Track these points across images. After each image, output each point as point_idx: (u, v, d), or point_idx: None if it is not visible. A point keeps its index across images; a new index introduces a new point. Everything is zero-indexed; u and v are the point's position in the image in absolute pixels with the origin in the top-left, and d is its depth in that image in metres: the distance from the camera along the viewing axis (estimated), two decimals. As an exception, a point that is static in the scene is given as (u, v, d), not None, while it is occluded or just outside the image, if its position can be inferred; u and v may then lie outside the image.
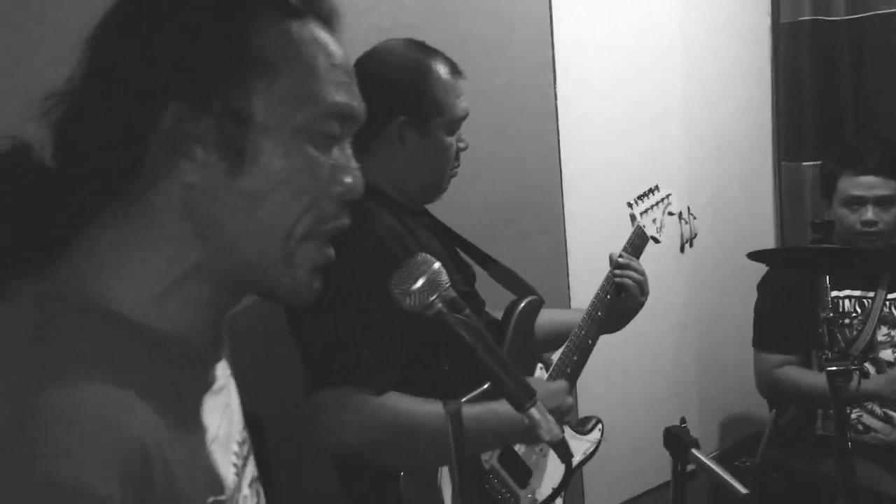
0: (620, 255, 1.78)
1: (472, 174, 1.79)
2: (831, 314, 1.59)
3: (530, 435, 1.38)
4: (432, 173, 1.51)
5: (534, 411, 0.87)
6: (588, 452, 1.73)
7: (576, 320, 1.71)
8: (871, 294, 2.39)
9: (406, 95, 1.44)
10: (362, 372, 1.30)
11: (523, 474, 1.54)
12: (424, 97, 1.45)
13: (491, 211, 2.23)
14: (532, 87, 2.35)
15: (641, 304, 1.79)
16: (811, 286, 1.61)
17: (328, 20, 0.76)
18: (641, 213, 1.91)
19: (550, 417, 0.87)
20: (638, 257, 1.84)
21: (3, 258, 0.67)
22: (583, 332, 1.69)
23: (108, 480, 0.56)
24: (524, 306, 1.64)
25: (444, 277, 0.88)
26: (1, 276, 0.67)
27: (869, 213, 2.29)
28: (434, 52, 1.50)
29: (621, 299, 1.75)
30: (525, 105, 2.34)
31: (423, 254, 0.88)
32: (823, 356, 1.60)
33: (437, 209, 1.68)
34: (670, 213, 2.00)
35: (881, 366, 2.40)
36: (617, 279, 1.74)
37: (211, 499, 0.70)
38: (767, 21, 3.04)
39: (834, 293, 2.35)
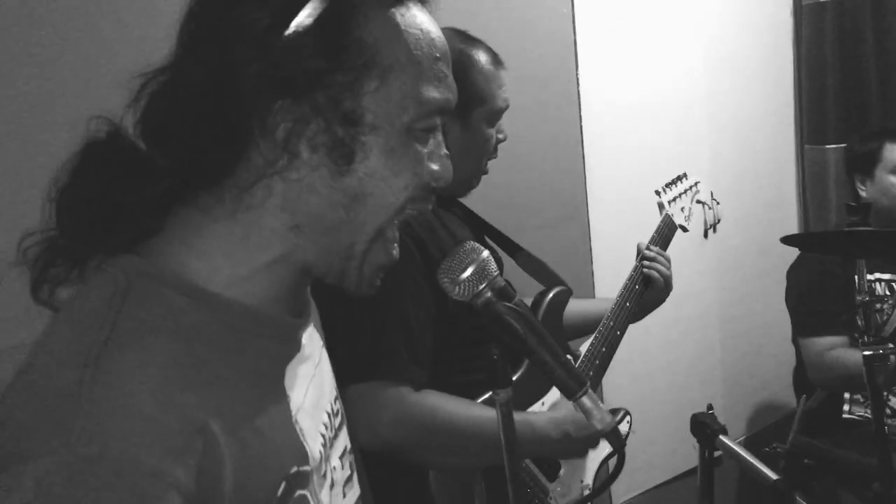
0: (648, 248, 1.76)
1: (495, 164, 1.78)
2: (868, 298, 1.57)
3: (564, 449, 1.39)
4: (471, 166, 1.48)
5: (585, 399, 0.86)
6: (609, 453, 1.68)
7: (603, 310, 1.70)
8: (901, 278, 2.38)
9: None
10: (400, 367, 1.29)
11: (553, 468, 1.52)
12: (466, 87, 1.40)
13: (515, 200, 2.22)
14: (554, 75, 2.33)
15: (665, 298, 1.79)
16: (845, 270, 1.60)
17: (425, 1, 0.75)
18: (670, 202, 1.90)
19: (602, 405, 0.86)
20: (666, 246, 1.83)
21: (96, 236, 0.68)
22: (611, 323, 1.67)
23: (161, 458, 0.57)
24: (553, 297, 1.62)
25: (493, 266, 0.87)
26: (94, 251, 0.68)
27: None
28: (476, 42, 1.48)
29: (647, 292, 1.74)
30: (547, 93, 2.32)
31: (472, 242, 0.88)
32: (860, 340, 1.57)
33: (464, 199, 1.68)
34: (699, 202, 1.99)
35: (906, 346, 2.38)
36: (645, 270, 1.73)
37: (294, 468, 0.70)
38: (790, 2, 3.02)
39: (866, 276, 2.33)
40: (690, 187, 1.96)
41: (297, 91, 0.67)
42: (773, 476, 1.83)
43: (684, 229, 1.92)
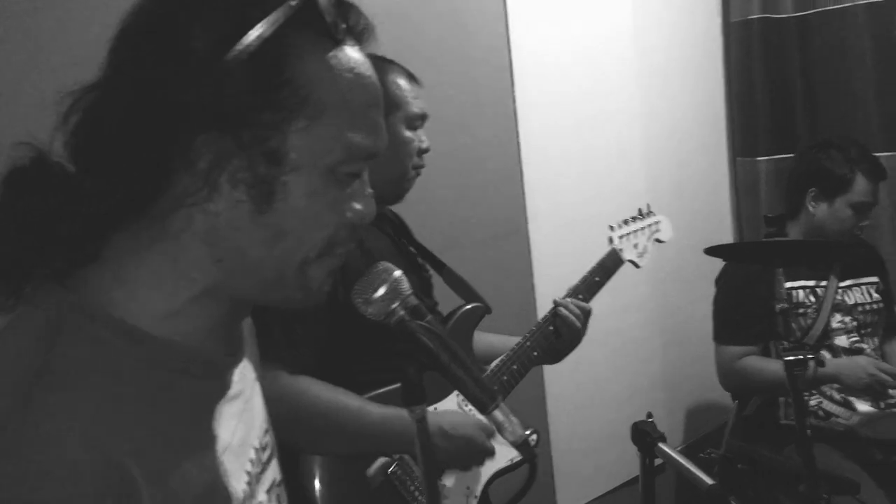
0: (563, 301, 1.74)
1: (435, 180, 1.82)
2: (786, 305, 1.63)
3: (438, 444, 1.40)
4: (393, 169, 1.53)
5: (497, 413, 0.88)
6: (514, 460, 1.69)
7: (509, 344, 1.70)
8: (824, 283, 2.47)
9: None
10: (273, 348, 1.27)
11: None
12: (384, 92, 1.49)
13: (455, 216, 2.25)
14: (491, 92, 2.37)
15: (572, 349, 1.78)
16: (766, 279, 1.66)
17: (361, 39, 0.75)
18: (621, 237, 1.91)
19: (514, 419, 0.89)
20: (607, 278, 1.84)
21: (29, 264, 0.67)
22: (528, 343, 1.68)
23: (82, 500, 0.57)
24: (465, 311, 1.65)
25: (406, 285, 0.89)
26: (26, 280, 0.67)
27: (867, 221, 2.44)
28: (389, 61, 1.55)
29: (556, 341, 1.73)
30: (485, 110, 2.36)
31: (384, 262, 0.90)
32: (780, 346, 1.63)
33: (403, 215, 1.70)
34: (658, 241, 2.00)
35: (836, 352, 2.47)
36: (557, 319, 1.72)
37: None
38: (718, 20, 3.11)
39: (788, 284, 2.42)
40: (650, 225, 1.98)
41: (223, 125, 0.66)
42: (709, 481, 1.88)
43: (635, 265, 1.92)
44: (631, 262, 1.91)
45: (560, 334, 1.72)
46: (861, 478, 2.02)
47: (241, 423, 0.78)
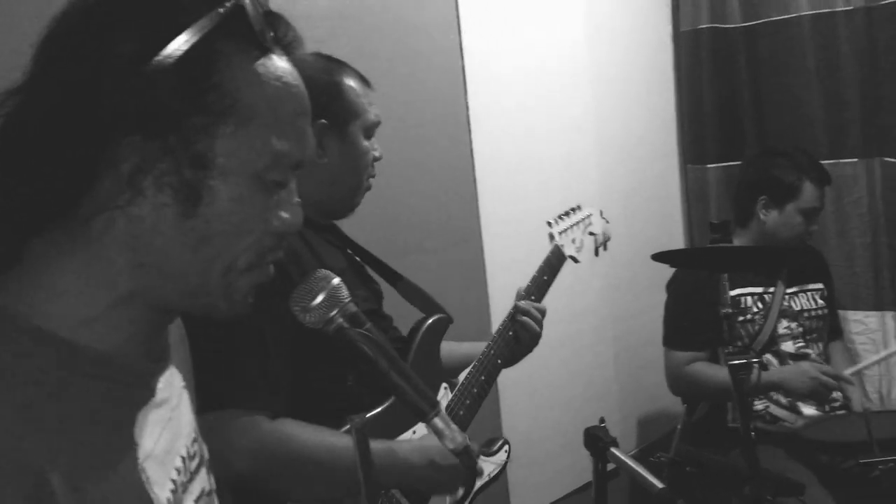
0: (521, 301, 1.73)
1: (386, 188, 1.79)
2: (731, 310, 1.65)
3: (429, 477, 1.36)
4: (352, 182, 1.50)
5: (437, 420, 0.88)
6: (493, 474, 1.68)
7: (476, 352, 1.67)
8: (772, 290, 2.52)
9: (323, 100, 1.42)
10: (255, 394, 1.26)
11: (421, 498, 1.47)
12: (339, 102, 1.45)
13: (408, 224, 2.24)
14: (443, 100, 2.38)
15: (531, 350, 1.76)
16: (714, 285, 1.68)
17: (289, 50, 0.76)
18: (560, 233, 1.91)
19: (454, 426, 0.89)
20: (554, 276, 1.83)
21: None
22: (492, 352, 1.66)
23: None
24: (430, 324, 1.60)
25: (345, 293, 0.88)
26: None
27: (816, 224, 2.49)
28: (343, 63, 1.52)
29: (514, 345, 1.71)
30: (437, 117, 2.36)
31: (322, 269, 0.89)
32: (726, 351, 1.65)
33: (352, 223, 1.67)
34: (591, 234, 2.00)
35: (783, 358, 2.52)
36: (516, 324, 1.70)
37: None
38: (669, 29, 3.16)
39: (737, 291, 2.47)
40: (583, 219, 1.98)
41: (149, 128, 0.66)
42: (659, 485, 1.90)
43: (575, 260, 1.92)
44: (571, 257, 1.90)
45: (519, 339, 1.71)
46: (806, 479, 2.05)
47: (166, 430, 0.76)
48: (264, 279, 0.77)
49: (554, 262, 1.84)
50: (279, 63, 0.73)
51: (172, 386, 0.80)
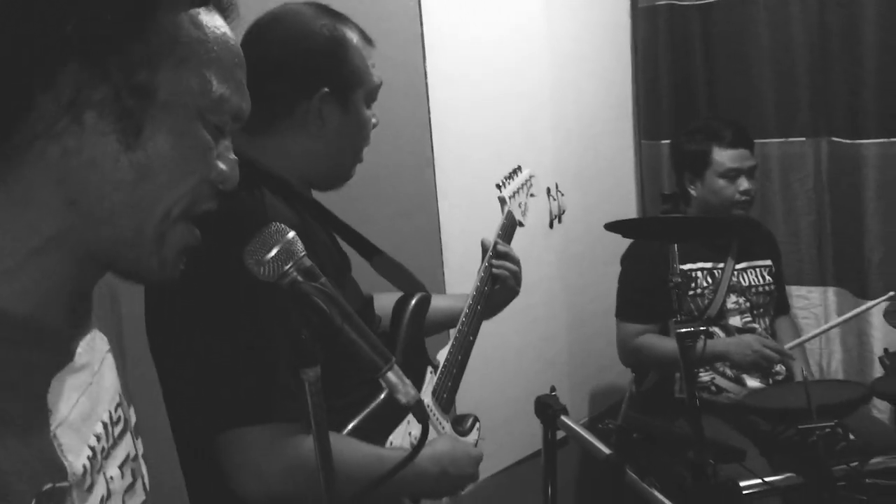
0: (497, 244, 1.69)
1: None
2: (679, 280, 1.69)
3: (440, 486, 1.34)
4: (351, 153, 1.39)
5: (390, 375, 0.88)
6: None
7: (454, 307, 1.65)
8: (721, 265, 2.59)
9: (325, 64, 1.29)
10: (283, 404, 1.16)
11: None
12: (345, 67, 1.31)
13: (363, 191, 2.23)
14: (402, 68, 2.36)
15: (516, 294, 1.74)
16: (665, 257, 1.72)
17: (227, 13, 0.77)
18: (510, 197, 1.88)
19: (407, 380, 0.89)
20: (510, 242, 1.79)
21: None
22: (466, 330, 1.62)
23: None
24: (415, 307, 1.52)
25: (299, 247, 0.88)
26: None
27: (746, 183, 2.52)
28: (345, 18, 1.37)
29: (496, 291, 1.68)
30: (396, 86, 2.33)
31: (277, 223, 0.88)
32: (674, 321, 1.69)
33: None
34: (532, 196, 2.00)
35: (730, 332, 2.59)
36: (495, 270, 1.67)
37: (48, 485, 0.66)
38: (627, 5, 3.18)
39: (687, 265, 2.53)
40: (525, 182, 1.97)
41: (90, 54, 0.65)
42: (606, 451, 1.95)
43: (521, 224, 1.90)
44: (519, 222, 1.87)
45: (500, 281, 1.67)
46: (747, 447, 2.12)
47: (85, 396, 0.74)
48: (193, 241, 0.76)
49: (509, 228, 1.82)
50: (217, 18, 0.75)
51: (94, 350, 0.78)
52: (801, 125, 2.94)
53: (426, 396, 1.51)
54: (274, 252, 0.86)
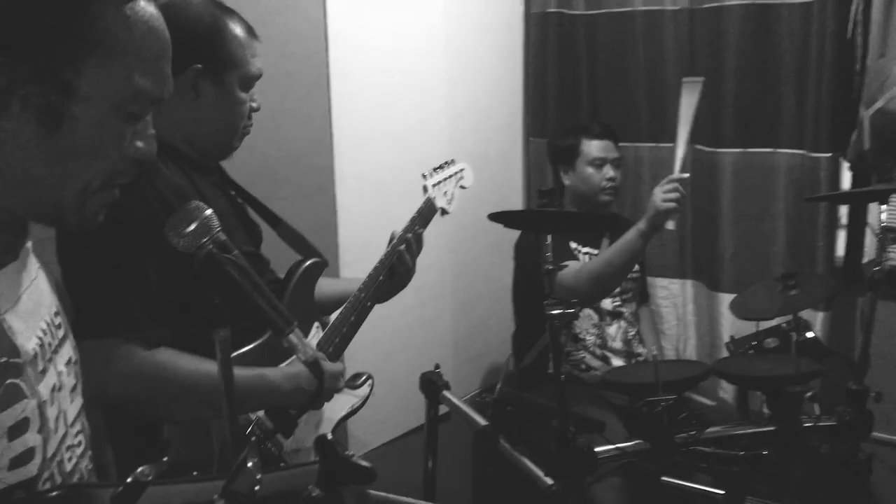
0: (413, 230, 1.88)
1: (249, 136, 1.88)
2: (551, 266, 1.88)
3: (297, 400, 1.49)
4: (225, 127, 1.55)
5: (292, 336, 1.03)
6: (354, 406, 1.82)
7: (350, 289, 1.81)
8: (596, 252, 2.83)
9: (202, 45, 1.47)
10: (131, 324, 1.33)
11: (289, 427, 1.58)
12: (220, 50, 1.49)
13: (263, 173, 2.31)
14: (305, 56, 2.44)
15: (405, 284, 1.93)
16: (555, 247, 1.90)
17: None
18: (433, 185, 2.04)
19: (306, 341, 1.04)
20: (425, 226, 1.97)
21: None
22: (362, 295, 1.79)
23: None
24: (306, 267, 1.71)
25: (215, 223, 1.00)
26: None
27: (611, 172, 2.81)
28: (231, 12, 1.55)
29: (394, 277, 1.86)
30: (298, 71, 2.43)
31: (196, 201, 1.00)
32: (546, 302, 1.88)
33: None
34: (462, 187, 2.16)
35: (602, 314, 2.84)
36: (398, 255, 1.84)
37: (3, 359, 0.77)
38: (521, 10, 3.33)
39: (574, 247, 2.78)
40: (456, 173, 2.14)
41: (19, 52, 0.72)
42: (483, 422, 2.13)
43: (445, 212, 2.07)
44: (442, 209, 2.05)
45: (395, 272, 1.85)
46: (608, 419, 2.35)
47: (26, 295, 0.85)
48: (111, 200, 0.85)
49: (426, 213, 1.99)
50: (148, 9, 0.82)
51: (31, 261, 0.89)
52: (669, 132, 3.12)
53: (313, 339, 1.69)
54: (193, 227, 0.98)
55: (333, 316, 1.76)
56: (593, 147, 2.84)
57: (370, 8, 2.66)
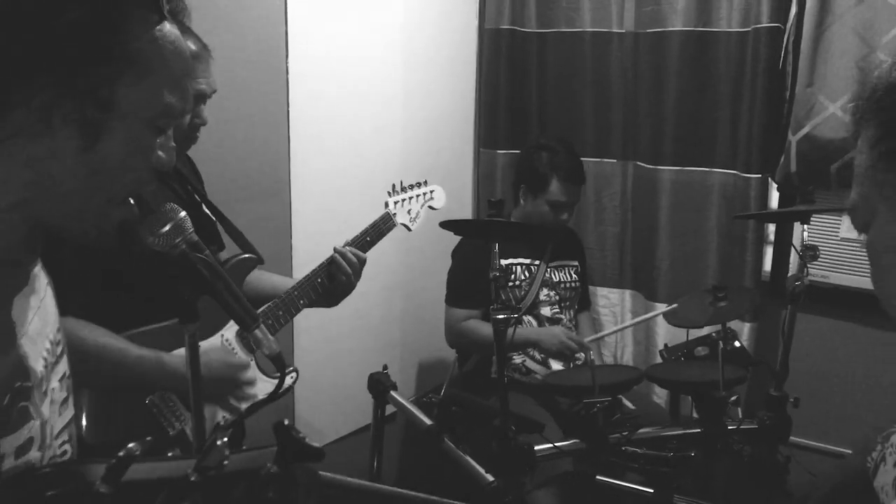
0: (345, 247, 1.98)
1: (208, 140, 1.92)
2: (498, 274, 1.98)
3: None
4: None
5: (258, 332, 1.10)
6: (268, 392, 1.89)
7: (287, 283, 1.91)
8: (537, 262, 2.95)
9: None
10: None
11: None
12: None
13: (220, 175, 2.35)
14: (265, 63, 2.50)
15: (346, 294, 2.03)
16: (488, 253, 1.99)
17: (179, 16, 0.91)
18: (396, 202, 2.14)
19: (271, 337, 1.12)
20: (378, 238, 2.07)
21: None
22: (296, 293, 1.88)
23: None
24: (239, 260, 1.83)
25: (189, 224, 1.07)
26: None
27: (565, 216, 2.86)
28: (188, 29, 1.60)
29: (331, 286, 1.96)
30: (257, 79, 2.48)
31: (172, 204, 1.07)
32: (492, 308, 1.97)
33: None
34: (431, 208, 2.25)
35: (541, 320, 2.96)
36: (333, 265, 1.94)
37: (18, 384, 0.83)
38: (475, 25, 3.43)
39: (509, 260, 2.87)
40: (424, 193, 2.24)
41: (60, 73, 0.79)
42: (428, 421, 2.20)
43: (407, 228, 2.17)
44: (403, 225, 2.15)
45: (335, 279, 1.94)
46: (547, 420, 2.46)
47: (36, 316, 0.91)
48: (130, 217, 0.93)
49: (381, 226, 2.09)
50: (173, 30, 0.89)
51: (40, 280, 0.95)
52: (613, 149, 3.31)
53: (229, 332, 1.80)
54: (167, 227, 1.05)
55: (262, 309, 1.84)
56: (559, 191, 2.81)
57: (330, 18, 2.73)
